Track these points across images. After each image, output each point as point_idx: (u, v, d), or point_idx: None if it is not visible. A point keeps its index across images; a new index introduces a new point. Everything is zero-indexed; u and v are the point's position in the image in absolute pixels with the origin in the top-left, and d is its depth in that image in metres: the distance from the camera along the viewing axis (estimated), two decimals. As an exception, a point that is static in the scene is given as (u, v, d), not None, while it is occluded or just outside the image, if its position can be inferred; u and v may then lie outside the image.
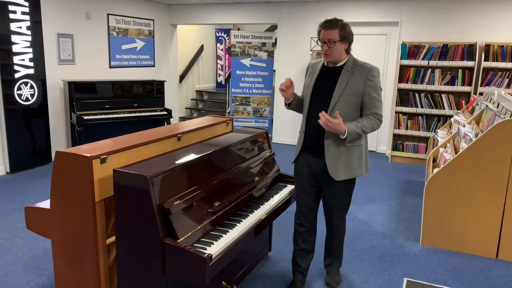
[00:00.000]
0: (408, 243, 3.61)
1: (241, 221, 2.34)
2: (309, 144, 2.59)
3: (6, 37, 5.03)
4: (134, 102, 6.30)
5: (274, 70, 7.70)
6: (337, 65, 2.52)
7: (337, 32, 2.41)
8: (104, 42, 6.66)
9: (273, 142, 7.34)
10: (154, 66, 7.78)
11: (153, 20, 7.61)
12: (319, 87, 2.55)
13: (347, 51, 2.51)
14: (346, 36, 2.45)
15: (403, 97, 6.21)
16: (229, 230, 2.20)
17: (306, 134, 2.60)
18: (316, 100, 2.55)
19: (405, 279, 3.01)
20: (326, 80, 2.53)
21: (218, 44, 10.16)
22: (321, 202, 2.76)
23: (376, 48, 6.72)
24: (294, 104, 2.68)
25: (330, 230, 2.80)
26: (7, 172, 5.30)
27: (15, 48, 5.13)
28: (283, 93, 2.58)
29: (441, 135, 4.90)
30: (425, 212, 3.54)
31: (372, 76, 2.46)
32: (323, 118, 2.33)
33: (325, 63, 2.58)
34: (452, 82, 5.95)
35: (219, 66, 10.35)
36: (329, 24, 2.43)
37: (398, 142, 6.40)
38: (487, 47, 5.74)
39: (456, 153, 3.61)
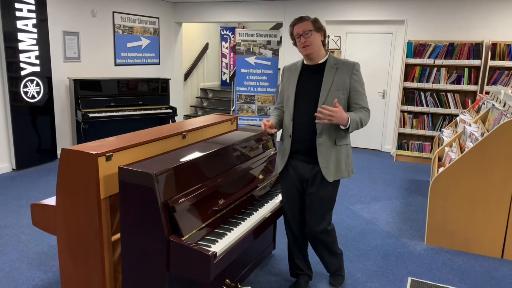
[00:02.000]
0: (413, 242, 3.60)
1: (246, 219, 2.34)
2: (298, 147, 2.49)
3: (12, 35, 5.06)
4: (139, 100, 6.32)
5: (279, 69, 7.68)
6: (319, 62, 2.46)
7: (309, 23, 2.39)
8: (109, 40, 6.68)
9: (278, 141, 7.32)
10: (159, 64, 7.79)
11: (158, 18, 7.62)
12: (303, 87, 2.48)
13: (324, 45, 2.48)
14: (320, 26, 2.43)
15: (409, 96, 6.18)
16: (234, 228, 2.21)
17: (293, 138, 2.50)
18: (302, 101, 2.46)
19: (409, 278, 3.00)
20: (310, 79, 2.46)
21: (223, 42, 10.16)
22: None
23: (381, 47, 6.69)
24: (278, 127, 2.59)
25: (315, 244, 2.67)
26: (13, 169, 5.34)
27: (21, 46, 5.16)
28: (270, 130, 2.46)
29: (447, 134, 4.87)
30: (430, 211, 3.52)
31: (356, 70, 2.43)
32: (325, 111, 2.23)
33: (305, 62, 2.52)
34: (458, 81, 5.91)
35: (224, 64, 10.36)
36: (299, 19, 2.42)
37: (403, 141, 6.37)
38: (494, 45, 5.70)
39: (461, 152, 3.59)
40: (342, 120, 2.28)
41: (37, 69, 5.38)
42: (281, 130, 2.66)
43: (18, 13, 5.08)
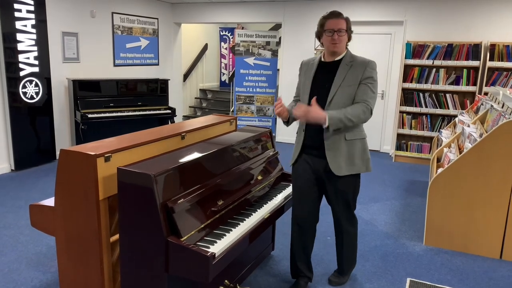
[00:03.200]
0: (412, 243, 3.60)
1: (244, 220, 2.34)
2: (310, 142, 2.54)
3: (11, 35, 5.05)
4: (138, 101, 6.32)
5: (278, 69, 7.69)
6: (336, 59, 2.50)
7: (345, 22, 2.45)
8: (108, 40, 6.67)
9: (277, 141, 7.33)
10: (158, 64, 7.79)
11: (157, 18, 7.62)
12: (317, 82, 2.52)
13: (346, 45, 2.53)
14: (350, 28, 2.50)
15: (408, 97, 6.19)
16: (232, 229, 2.21)
17: (306, 132, 2.54)
18: (315, 96, 2.48)
19: (408, 279, 3.00)
20: (325, 75, 2.51)
21: (222, 43, 10.17)
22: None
23: (380, 48, 6.70)
24: (292, 118, 2.59)
25: (339, 234, 2.76)
26: (12, 170, 5.34)
27: (20, 46, 5.15)
28: (280, 114, 2.50)
29: (446, 135, 4.88)
30: (428, 212, 3.53)
31: (371, 68, 2.47)
32: (299, 110, 2.30)
33: (323, 58, 2.55)
34: (456, 82, 5.92)
35: (223, 65, 10.36)
36: (338, 14, 2.46)
37: (402, 141, 6.38)
38: (492, 46, 5.71)
39: (460, 153, 3.60)
40: (319, 119, 2.31)
41: (36, 69, 5.38)
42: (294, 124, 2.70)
43: (17, 14, 5.07)
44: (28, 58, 5.26)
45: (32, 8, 5.23)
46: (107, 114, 5.85)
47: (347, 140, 2.47)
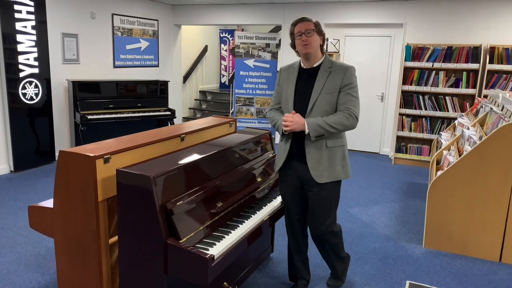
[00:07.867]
0: (411, 245, 3.60)
1: (244, 222, 2.34)
2: (297, 148, 2.50)
3: (11, 36, 5.06)
4: (137, 102, 6.32)
5: (278, 71, 7.69)
6: (314, 65, 2.48)
7: (312, 24, 2.44)
8: (108, 42, 6.68)
9: (276, 143, 7.33)
10: (158, 66, 7.80)
11: (157, 20, 7.62)
12: (300, 89, 2.50)
13: (322, 49, 2.50)
14: (321, 30, 2.48)
15: (407, 99, 6.19)
16: (232, 231, 2.20)
17: (293, 139, 2.50)
18: (299, 103, 2.48)
19: (407, 282, 3.00)
20: (306, 82, 2.49)
21: (222, 45, 10.18)
22: None
23: (380, 50, 6.71)
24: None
25: (318, 240, 2.66)
26: (11, 171, 5.33)
27: (20, 48, 5.15)
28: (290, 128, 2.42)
29: (445, 137, 4.88)
30: (428, 214, 3.52)
31: (349, 74, 2.43)
32: (288, 118, 2.36)
33: (302, 64, 2.54)
34: (456, 85, 5.92)
35: (222, 66, 10.37)
36: (302, 18, 2.48)
37: (401, 144, 6.38)
38: (492, 49, 5.71)
39: (460, 155, 3.59)
40: (301, 126, 2.36)
41: (36, 70, 5.37)
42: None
43: (17, 15, 5.07)
44: (28, 59, 5.26)
45: (32, 9, 5.24)
46: (107, 116, 5.85)
47: (328, 148, 2.43)
